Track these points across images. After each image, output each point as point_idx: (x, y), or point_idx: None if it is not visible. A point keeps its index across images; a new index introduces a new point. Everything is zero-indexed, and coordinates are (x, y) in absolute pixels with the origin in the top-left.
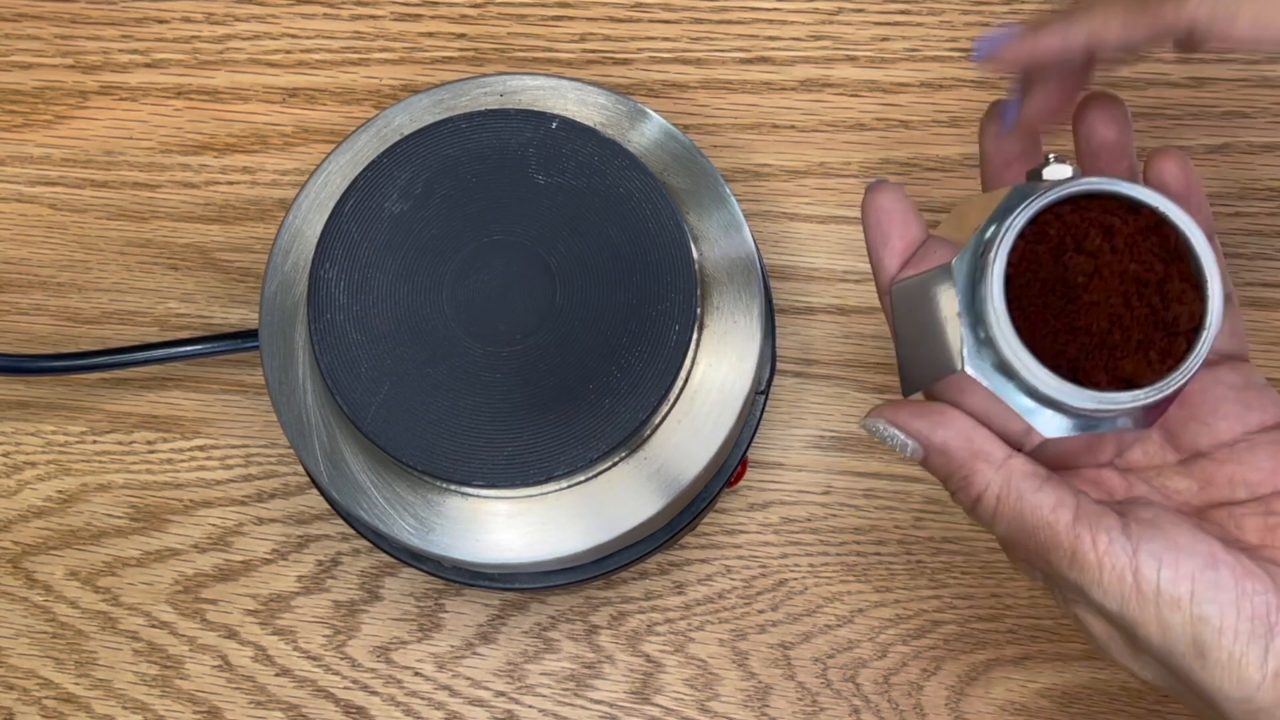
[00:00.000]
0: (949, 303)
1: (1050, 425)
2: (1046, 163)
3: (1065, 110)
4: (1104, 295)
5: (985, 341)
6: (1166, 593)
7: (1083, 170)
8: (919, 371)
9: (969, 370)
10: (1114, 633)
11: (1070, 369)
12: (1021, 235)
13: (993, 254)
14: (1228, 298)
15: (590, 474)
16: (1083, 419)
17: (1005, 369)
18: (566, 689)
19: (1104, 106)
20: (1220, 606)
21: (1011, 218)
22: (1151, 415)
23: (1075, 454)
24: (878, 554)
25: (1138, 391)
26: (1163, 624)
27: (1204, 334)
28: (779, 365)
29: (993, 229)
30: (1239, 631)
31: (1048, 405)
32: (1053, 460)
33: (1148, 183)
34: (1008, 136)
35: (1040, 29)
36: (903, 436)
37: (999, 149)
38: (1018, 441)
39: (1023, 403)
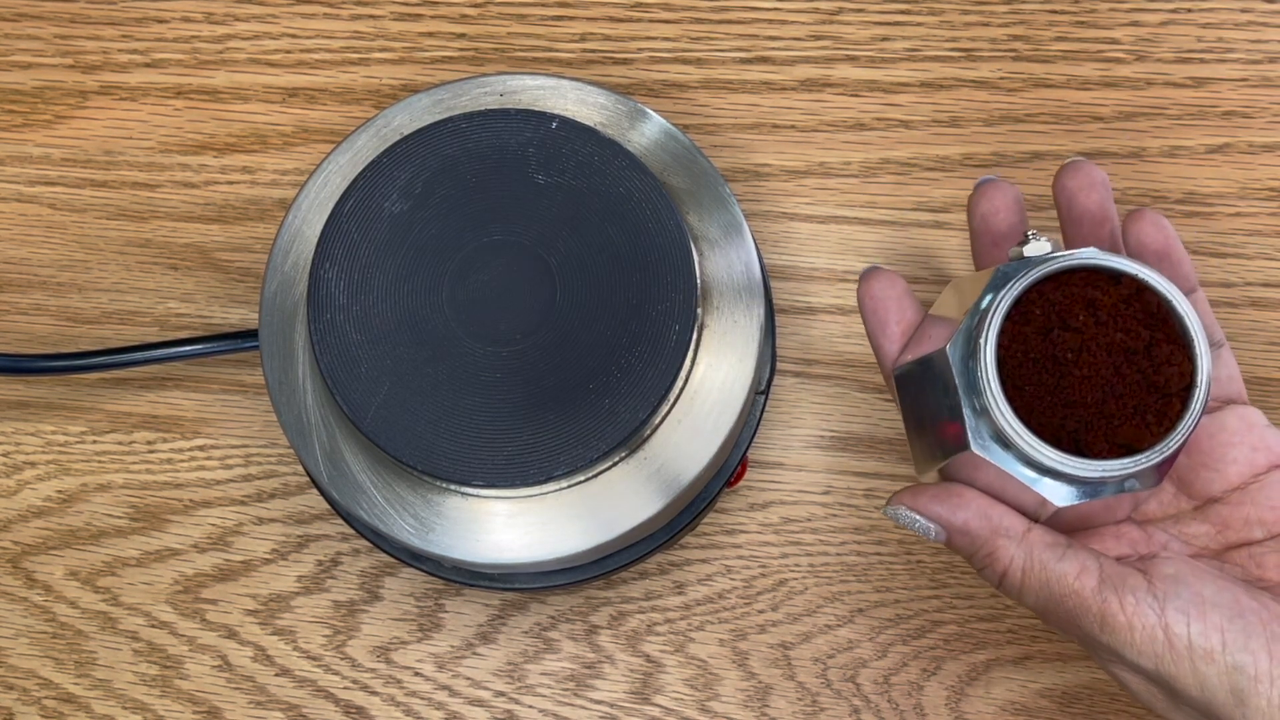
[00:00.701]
0: (949, 385)
1: (1061, 495)
2: (1026, 240)
3: None
4: (1094, 369)
5: (983, 414)
6: (1199, 646)
7: (1065, 238)
8: (929, 452)
9: (975, 450)
10: (1153, 690)
11: (1072, 441)
12: (1008, 317)
13: (983, 339)
14: (1220, 345)
15: (590, 474)
16: (1091, 485)
17: (1009, 446)
18: (566, 689)
19: (1083, 175)
20: (1253, 654)
21: (996, 301)
22: (1159, 472)
23: (1092, 515)
24: (878, 554)
25: (1139, 456)
26: (1199, 677)
27: (1196, 392)
28: (779, 365)
29: (980, 311)
30: (1274, 676)
31: (1055, 477)
32: (1071, 524)
33: (1126, 246)
34: (994, 214)
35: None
36: (924, 521)
37: (987, 227)
38: (1033, 512)
39: (1032, 476)
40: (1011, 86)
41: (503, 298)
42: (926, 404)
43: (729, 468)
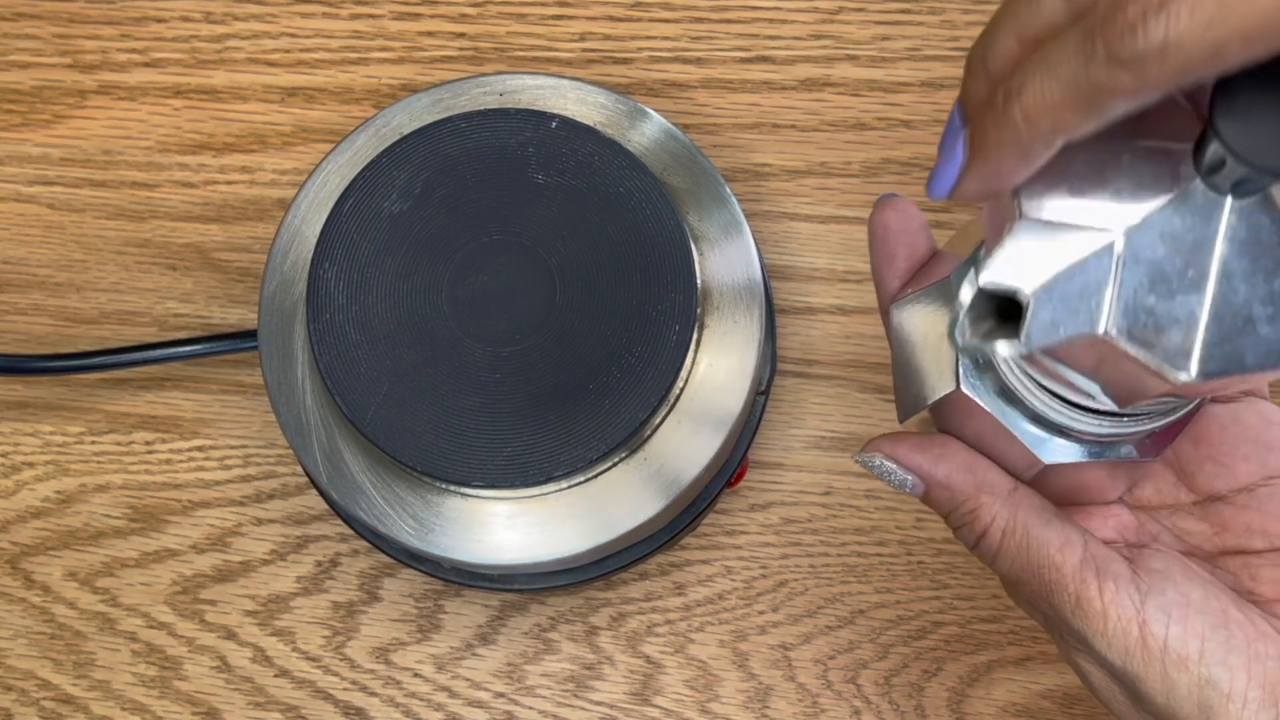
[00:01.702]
0: (945, 320)
1: (1051, 450)
2: None
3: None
4: None
5: (985, 364)
6: (1174, 650)
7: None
8: (914, 394)
9: (964, 389)
10: (1115, 687)
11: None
12: None
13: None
14: None
15: (590, 474)
16: (1084, 445)
17: (1003, 390)
18: (566, 690)
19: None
20: (1230, 670)
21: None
22: (1159, 443)
23: (1084, 489)
24: (879, 555)
25: (1142, 415)
26: (1168, 683)
27: None
28: (779, 365)
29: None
30: (1249, 699)
31: (1047, 429)
32: (1059, 497)
33: None
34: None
35: (991, 151)
36: (901, 472)
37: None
38: (1019, 473)
39: (1022, 426)
40: None
41: (502, 298)
42: (919, 340)
43: (729, 468)
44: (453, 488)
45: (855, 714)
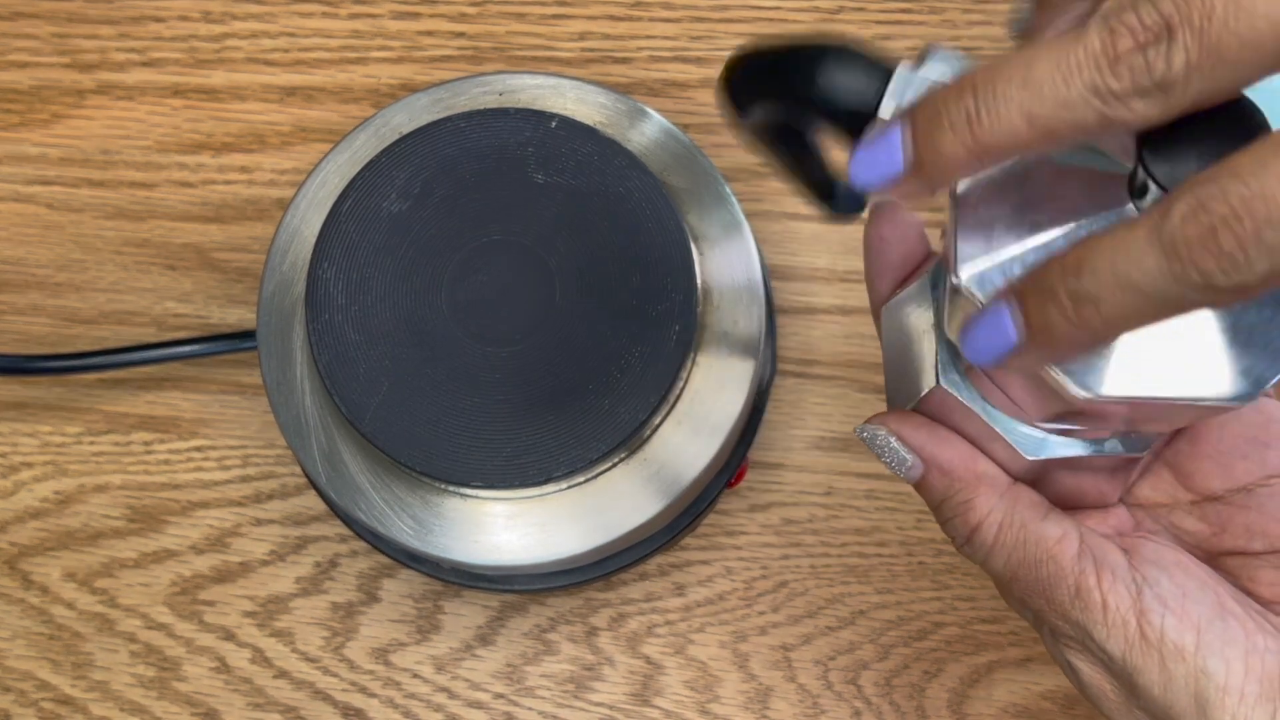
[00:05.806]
0: (928, 316)
1: (1034, 447)
2: None
3: None
4: None
5: (955, 347)
6: (1171, 640)
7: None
8: (903, 393)
9: (943, 384)
10: (1108, 683)
11: None
12: None
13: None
14: None
15: (590, 475)
16: (1069, 440)
17: (978, 383)
18: (566, 691)
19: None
20: (1226, 661)
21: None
22: (1148, 437)
23: (1081, 493)
24: (879, 555)
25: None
26: (1166, 675)
27: None
28: (779, 365)
29: None
30: (1245, 692)
31: (1029, 424)
32: (1057, 501)
33: None
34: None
35: (1061, 345)
36: (903, 451)
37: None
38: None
39: (1004, 422)
40: None
41: (502, 298)
42: (904, 339)
43: (729, 469)
44: (452, 488)
45: (856, 715)
